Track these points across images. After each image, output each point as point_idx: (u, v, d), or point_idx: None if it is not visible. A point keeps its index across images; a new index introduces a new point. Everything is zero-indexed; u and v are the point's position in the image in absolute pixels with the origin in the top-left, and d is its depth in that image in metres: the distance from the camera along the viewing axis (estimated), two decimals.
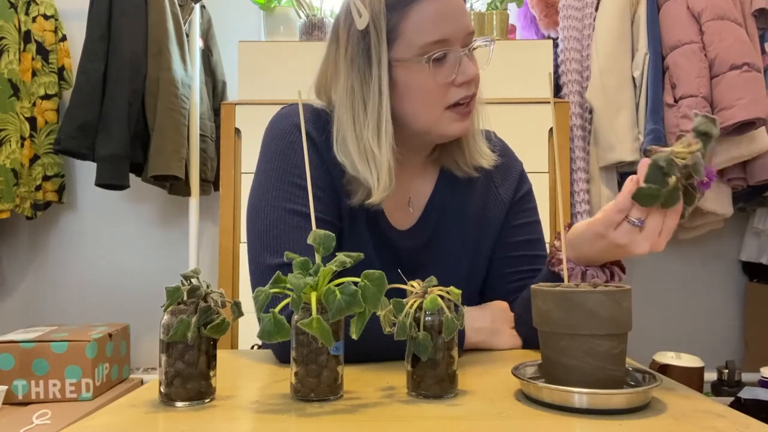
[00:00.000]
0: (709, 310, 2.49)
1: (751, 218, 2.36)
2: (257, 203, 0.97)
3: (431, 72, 0.92)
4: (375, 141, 0.93)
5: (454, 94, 0.94)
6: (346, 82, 0.95)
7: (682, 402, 0.71)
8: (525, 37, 2.37)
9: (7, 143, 2.10)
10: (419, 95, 0.94)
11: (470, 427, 0.63)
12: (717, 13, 1.95)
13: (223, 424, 0.65)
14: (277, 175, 0.96)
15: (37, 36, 2.23)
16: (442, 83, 0.93)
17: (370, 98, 0.93)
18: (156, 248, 2.46)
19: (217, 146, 2.27)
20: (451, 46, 0.92)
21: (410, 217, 1.06)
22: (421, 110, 0.95)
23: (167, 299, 0.69)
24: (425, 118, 0.95)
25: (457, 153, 1.03)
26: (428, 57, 0.91)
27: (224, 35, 2.41)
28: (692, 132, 0.72)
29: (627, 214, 0.77)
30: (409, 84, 0.93)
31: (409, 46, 0.92)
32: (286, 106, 1.03)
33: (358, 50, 0.93)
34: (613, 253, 0.83)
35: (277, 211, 0.94)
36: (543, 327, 0.73)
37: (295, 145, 0.96)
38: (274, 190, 0.95)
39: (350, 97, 0.94)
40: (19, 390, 1.70)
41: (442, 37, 0.91)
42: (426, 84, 0.93)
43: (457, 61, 0.93)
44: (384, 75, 0.92)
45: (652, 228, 0.76)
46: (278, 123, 1.00)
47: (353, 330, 0.68)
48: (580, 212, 2.04)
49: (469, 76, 0.94)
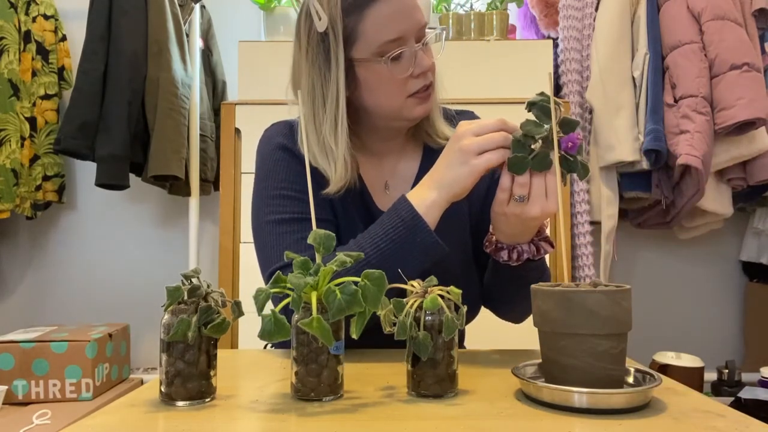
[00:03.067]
0: (709, 310, 2.49)
1: (751, 218, 2.36)
2: (253, 224, 1.06)
3: (389, 69, 0.98)
4: (332, 137, 1.00)
5: (412, 85, 1.01)
6: (307, 80, 1.01)
7: (682, 402, 0.71)
8: (525, 37, 2.37)
9: (7, 143, 2.10)
10: (381, 90, 1.01)
11: (470, 427, 0.63)
12: (717, 13, 1.95)
13: (224, 423, 0.65)
14: (263, 193, 1.04)
15: (37, 36, 2.23)
16: (401, 77, 0.99)
17: (329, 97, 1.00)
18: (156, 248, 2.46)
19: (217, 146, 2.27)
20: (406, 43, 0.99)
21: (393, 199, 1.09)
22: (383, 103, 1.02)
23: (168, 299, 0.69)
24: (389, 109, 1.03)
25: (426, 125, 1.11)
26: (387, 57, 0.98)
27: (224, 35, 2.41)
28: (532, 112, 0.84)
29: (510, 192, 0.87)
30: (370, 81, 1.01)
31: (368, 46, 0.98)
32: (268, 128, 1.11)
33: (318, 51, 1.00)
34: (523, 225, 0.91)
35: (267, 225, 1.02)
36: (543, 327, 0.73)
37: (278, 163, 1.05)
38: (263, 207, 1.04)
39: (311, 94, 1.01)
40: (19, 390, 1.71)
41: (398, 35, 0.98)
42: (385, 80, 1.00)
43: (413, 55, 0.99)
44: (341, 75, 0.99)
45: (537, 192, 0.86)
46: (262, 147, 1.09)
47: (353, 330, 0.68)
48: (580, 212, 2.04)
49: (425, 68, 1.00)
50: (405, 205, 0.92)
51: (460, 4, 2.27)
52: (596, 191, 2.07)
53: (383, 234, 0.92)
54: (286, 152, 1.05)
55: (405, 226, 0.91)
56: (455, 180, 0.90)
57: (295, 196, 1.01)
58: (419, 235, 0.90)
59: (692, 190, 1.96)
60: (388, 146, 1.11)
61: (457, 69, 1.96)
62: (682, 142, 1.88)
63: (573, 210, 2.06)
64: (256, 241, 1.05)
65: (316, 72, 1.00)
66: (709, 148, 1.89)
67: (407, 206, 0.92)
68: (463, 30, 2.14)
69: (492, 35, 2.13)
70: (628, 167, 2.03)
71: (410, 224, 0.91)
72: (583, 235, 2.03)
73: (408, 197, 0.93)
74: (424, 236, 0.90)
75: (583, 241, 2.02)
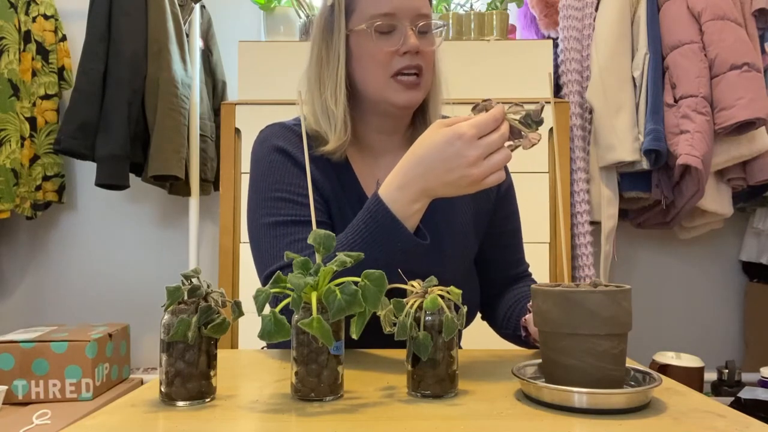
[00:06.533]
0: (709, 310, 2.49)
1: (751, 218, 2.36)
2: (249, 227, 1.06)
3: (377, 41, 1.02)
4: (333, 100, 1.05)
5: (397, 63, 1.02)
6: (315, 49, 1.08)
7: (682, 402, 0.71)
8: (525, 37, 2.37)
9: (7, 143, 2.10)
10: (367, 61, 1.04)
11: (470, 427, 0.63)
12: (717, 13, 1.95)
13: (223, 423, 0.65)
14: (258, 196, 1.05)
15: (37, 36, 2.23)
16: (387, 51, 1.02)
17: (330, 64, 1.06)
18: (156, 248, 2.46)
19: (217, 146, 2.27)
20: (398, 21, 1.02)
21: None
22: (369, 76, 1.05)
23: (168, 299, 0.69)
24: (374, 84, 1.05)
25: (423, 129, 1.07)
26: (374, 27, 1.01)
27: (224, 35, 2.41)
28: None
29: None
30: (360, 51, 1.04)
31: (361, 18, 1.03)
32: (262, 129, 1.13)
33: (325, 22, 1.07)
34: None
35: (263, 228, 1.02)
36: (543, 327, 0.73)
37: (273, 165, 1.05)
38: (258, 209, 1.04)
39: (317, 62, 1.07)
40: (19, 390, 1.71)
41: (390, 10, 1.02)
42: (372, 51, 1.03)
43: (402, 34, 1.02)
44: (341, 44, 1.04)
45: None
46: (257, 149, 1.10)
47: (353, 330, 0.68)
48: (580, 212, 2.04)
49: (410, 47, 1.01)
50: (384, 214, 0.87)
51: (460, 4, 2.27)
52: (596, 191, 2.07)
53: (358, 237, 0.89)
54: (281, 154, 1.05)
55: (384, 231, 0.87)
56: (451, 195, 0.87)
57: (290, 198, 1.01)
58: (401, 241, 0.87)
59: (692, 190, 1.96)
60: (383, 142, 1.11)
61: (457, 69, 1.96)
62: (682, 142, 1.88)
63: (573, 210, 2.06)
64: (252, 243, 1.05)
65: (323, 41, 1.07)
66: (709, 148, 1.89)
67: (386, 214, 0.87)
68: (463, 30, 2.14)
69: (492, 35, 2.13)
70: (628, 167, 2.03)
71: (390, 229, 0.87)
72: (583, 235, 2.03)
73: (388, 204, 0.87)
74: (405, 242, 0.87)
75: (583, 241, 2.02)
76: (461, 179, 0.84)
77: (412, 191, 0.87)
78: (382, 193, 0.89)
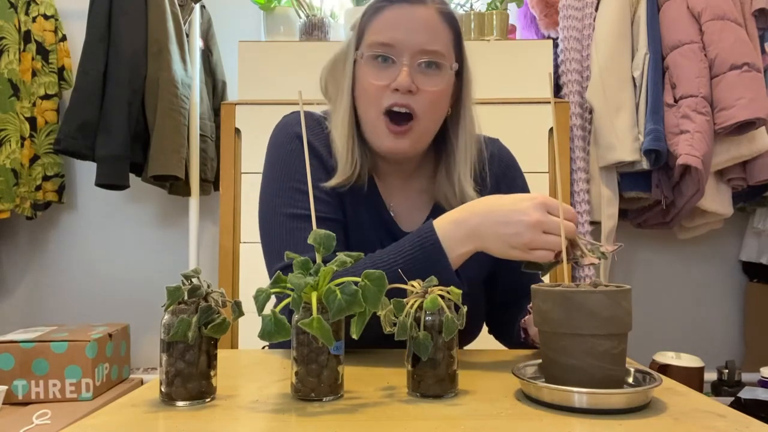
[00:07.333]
0: (709, 310, 2.49)
1: (751, 218, 2.36)
2: (263, 212, 1.02)
3: (372, 72, 0.98)
4: (337, 133, 1.02)
5: (387, 99, 0.97)
6: (339, 77, 1.05)
7: (682, 402, 0.71)
8: (525, 37, 2.36)
9: (7, 143, 2.10)
10: (361, 93, 1.01)
11: (470, 427, 0.63)
12: (717, 13, 1.95)
13: (224, 423, 0.65)
14: (278, 184, 1.01)
15: (37, 36, 2.23)
16: (378, 85, 0.98)
17: (339, 91, 1.03)
18: (156, 248, 2.46)
19: (217, 146, 2.27)
20: (396, 55, 0.97)
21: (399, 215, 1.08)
22: (364, 107, 1.01)
23: (168, 299, 0.69)
24: (365, 118, 1.01)
25: (446, 187, 1.05)
26: (371, 56, 0.98)
27: (224, 35, 2.41)
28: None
29: None
30: (359, 79, 1.01)
31: (364, 45, 1.00)
32: (286, 115, 1.08)
33: (347, 46, 1.04)
34: None
35: (280, 217, 0.98)
36: (543, 327, 0.73)
37: (294, 153, 1.01)
38: (276, 197, 1.00)
39: (339, 91, 1.04)
40: (19, 390, 1.70)
41: (388, 41, 0.97)
42: (365, 83, 0.99)
43: (398, 70, 0.96)
44: (349, 71, 1.02)
45: None
46: (278, 133, 1.06)
47: (353, 330, 0.68)
48: (580, 212, 2.04)
49: (399, 85, 0.96)
50: (433, 243, 0.88)
51: (460, 4, 2.27)
52: (596, 191, 2.07)
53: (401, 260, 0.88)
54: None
55: (427, 260, 0.87)
56: (497, 249, 0.87)
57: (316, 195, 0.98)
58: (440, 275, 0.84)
59: (692, 190, 1.96)
60: (392, 169, 1.08)
61: None
62: (682, 142, 1.88)
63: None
64: (264, 232, 1.01)
65: (341, 69, 1.04)
66: (709, 148, 1.89)
67: (435, 245, 0.87)
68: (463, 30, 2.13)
69: (492, 35, 2.13)
70: (628, 167, 2.03)
71: (435, 261, 0.87)
72: (583, 235, 2.03)
73: (439, 235, 0.88)
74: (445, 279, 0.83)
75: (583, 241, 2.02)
76: (514, 237, 0.84)
77: (465, 229, 0.87)
78: (437, 223, 0.89)
